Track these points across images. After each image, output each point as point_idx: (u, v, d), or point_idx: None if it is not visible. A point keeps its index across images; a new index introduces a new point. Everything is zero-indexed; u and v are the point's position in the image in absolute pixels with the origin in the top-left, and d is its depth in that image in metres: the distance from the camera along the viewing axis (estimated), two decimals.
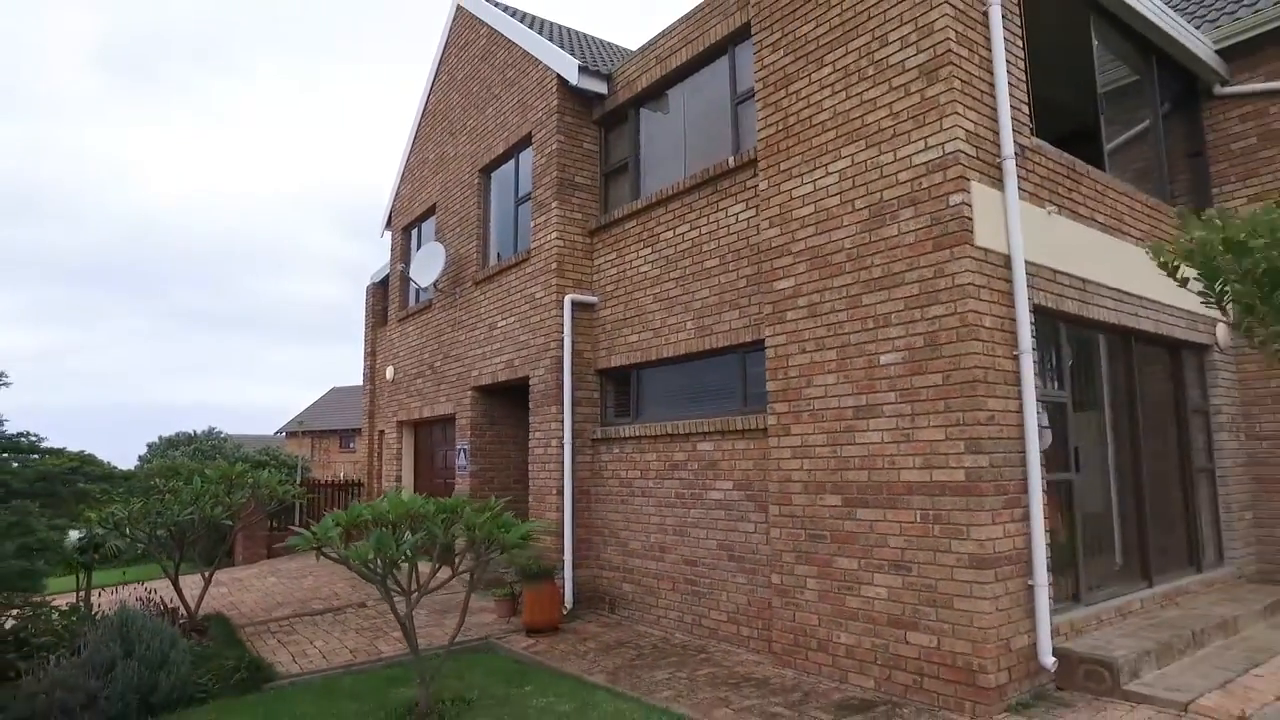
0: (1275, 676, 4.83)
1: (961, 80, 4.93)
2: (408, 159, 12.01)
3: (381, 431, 12.57)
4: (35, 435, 6.63)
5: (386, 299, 13.20)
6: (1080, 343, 6.02)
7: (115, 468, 9.65)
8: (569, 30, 10.91)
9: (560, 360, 7.92)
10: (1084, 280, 5.69)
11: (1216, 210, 3.53)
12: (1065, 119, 6.56)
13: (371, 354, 13.53)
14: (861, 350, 5.26)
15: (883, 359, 5.12)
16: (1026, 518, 4.80)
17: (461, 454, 9.66)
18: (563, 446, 7.81)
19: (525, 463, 8.91)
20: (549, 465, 7.98)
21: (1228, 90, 7.70)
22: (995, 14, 5.15)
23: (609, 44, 11.28)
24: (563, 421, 7.83)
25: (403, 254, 12.02)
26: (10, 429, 6.72)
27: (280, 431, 29.08)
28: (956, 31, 4.96)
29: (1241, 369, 7.53)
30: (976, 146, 4.94)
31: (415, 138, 11.82)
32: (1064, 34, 6.47)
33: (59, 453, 6.48)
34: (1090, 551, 5.75)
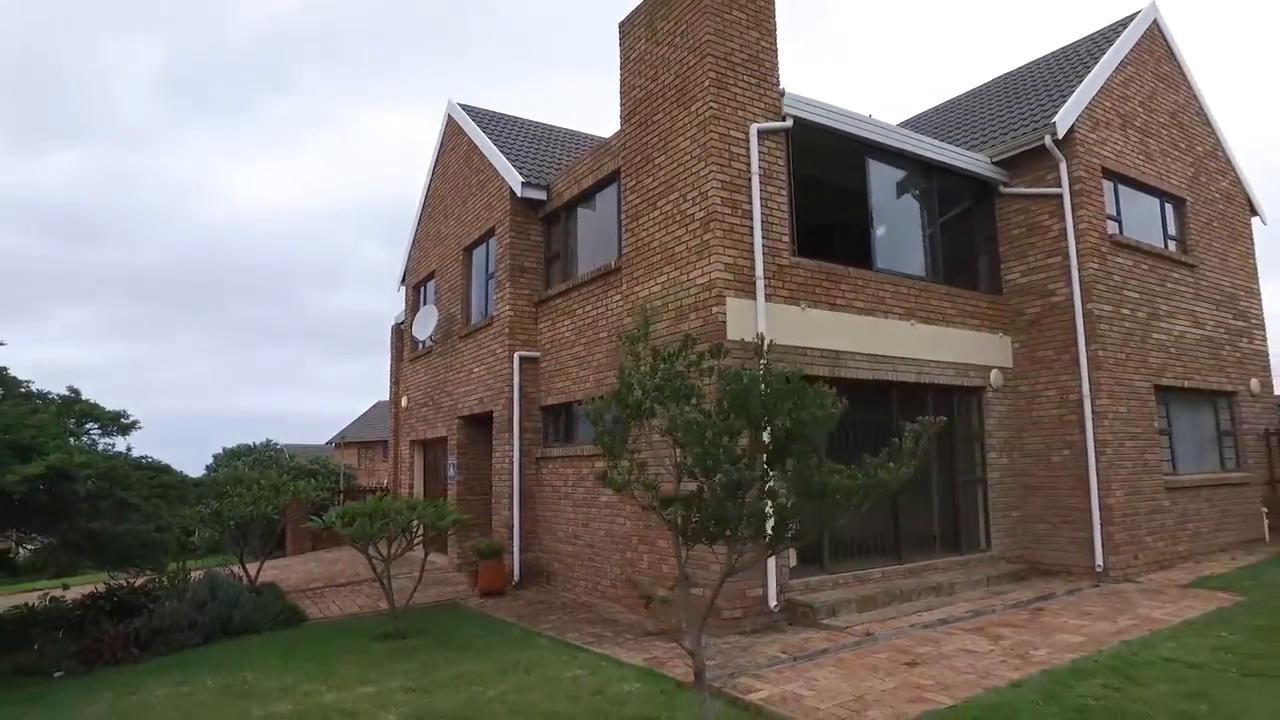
0: (923, 615, 7.56)
1: (724, 230, 7.81)
2: (415, 231, 15.34)
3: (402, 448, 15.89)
4: (150, 458, 9.99)
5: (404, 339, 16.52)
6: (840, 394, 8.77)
7: (187, 476, 13.10)
8: (546, 128, 14.03)
9: (511, 399, 11.00)
10: (837, 351, 8.47)
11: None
12: (845, 231, 9.33)
13: (396, 383, 16.89)
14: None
15: None
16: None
17: (451, 467, 12.84)
18: (514, 463, 10.89)
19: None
20: (504, 476, 11.07)
21: (1007, 191, 10.33)
22: (755, 183, 8.00)
23: (584, 135, 14.35)
24: (513, 444, 10.91)
25: (413, 307, 15.35)
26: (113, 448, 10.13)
27: (330, 442, 33.10)
28: (722, 197, 7.85)
29: (1014, 404, 10.14)
30: (734, 274, 7.80)
31: (421, 214, 15.12)
32: (844, 170, 9.24)
33: (167, 469, 9.77)
34: (840, 537, 8.52)
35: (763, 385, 3.84)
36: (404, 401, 15.39)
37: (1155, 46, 11.49)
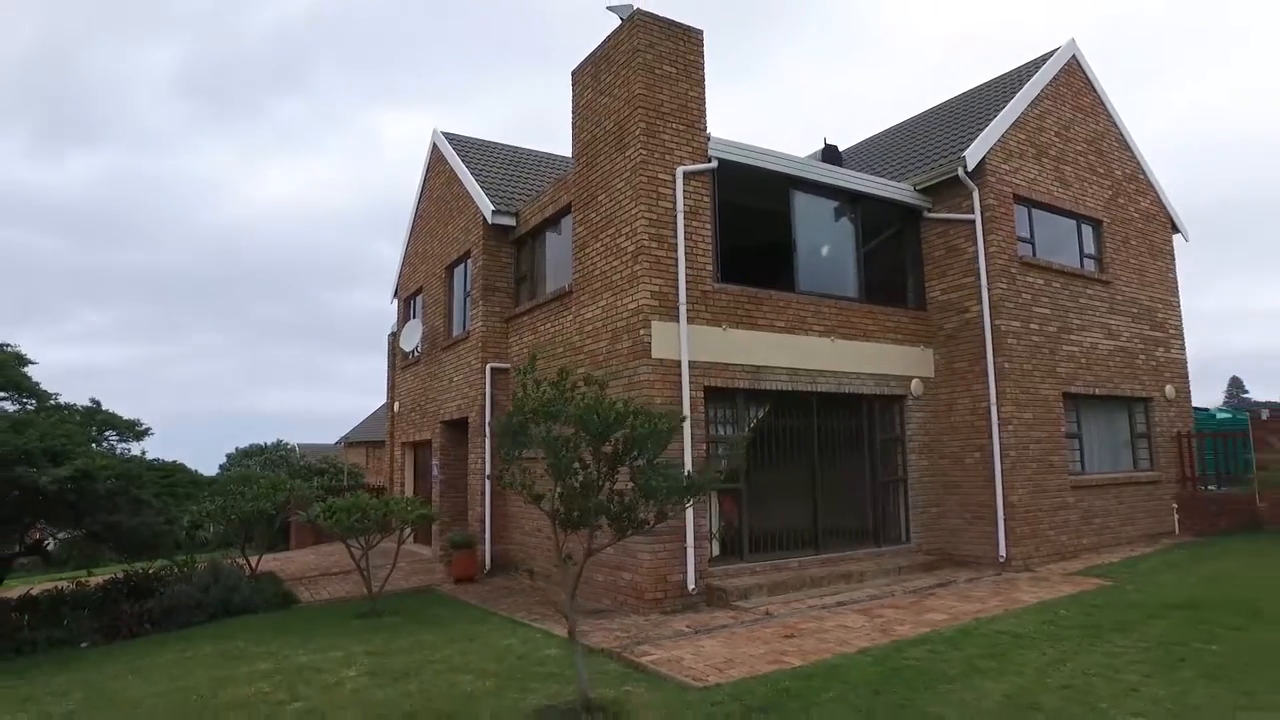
0: (825, 599, 8.77)
1: (651, 262, 9.05)
2: (406, 248, 16.71)
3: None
4: (158, 461, 11.41)
5: None
6: (762, 402, 10.02)
7: (200, 474, 14.52)
8: (525, 153, 15.32)
9: (484, 406, 12.32)
10: (759, 366, 9.69)
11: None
12: (772, 257, 10.53)
13: (391, 389, 18.28)
14: None
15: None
16: (682, 511, 8.87)
17: (435, 467, 14.20)
18: (485, 464, 12.20)
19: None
20: (477, 476, 12.39)
21: (929, 216, 11.48)
22: (680, 220, 9.23)
23: (561, 158, 15.59)
24: (485, 447, 12.23)
25: (403, 318, 16.73)
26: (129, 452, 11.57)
27: (339, 441, 34.68)
28: (650, 233, 9.09)
29: (933, 410, 11.29)
30: (659, 300, 9.04)
31: (410, 233, 16.49)
32: (772, 202, 10.44)
33: (181, 468, 11.17)
34: (762, 531, 9.75)
35: (597, 414, 5.05)
36: (396, 406, 16.78)
37: (1074, 80, 12.55)
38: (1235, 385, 59.09)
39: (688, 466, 8.84)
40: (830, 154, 14.54)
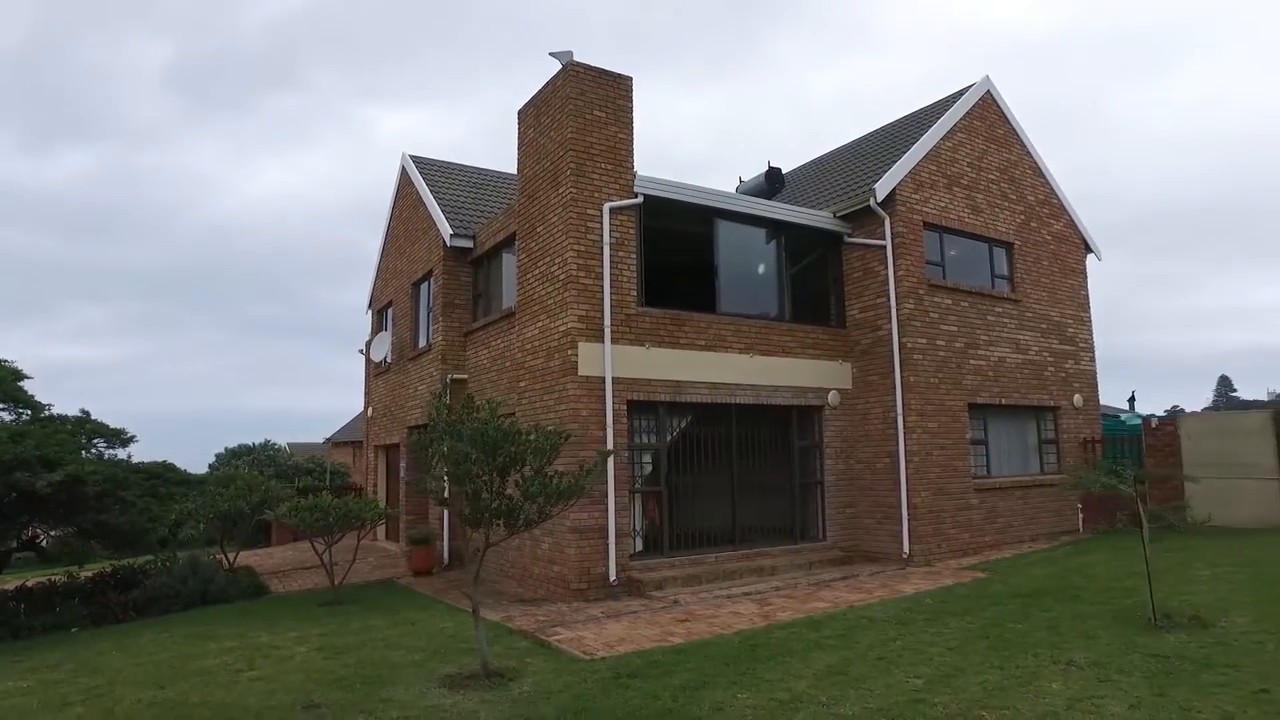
0: (733, 590, 10.04)
1: (579, 289, 10.30)
2: (379, 263, 17.99)
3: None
4: (143, 463, 12.69)
5: None
6: (684, 414, 11.28)
7: (190, 473, 15.81)
8: (490, 175, 16.55)
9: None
10: (679, 381, 10.94)
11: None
12: (697, 281, 11.77)
13: (367, 394, 19.57)
14: (543, 420, 10.69)
15: (548, 428, 10.54)
16: (604, 511, 10.13)
17: (403, 469, 15.49)
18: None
19: None
20: None
21: (849, 241, 12.72)
22: (606, 251, 10.49)
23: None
24: None
25: (377, 328, 18.02)
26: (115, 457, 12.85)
27: (326, 441, 36.05)
28: (578, 264, 10.34)
29: (850, 420, 12.54)
30: (586, 323, 10.30)
31: (383, 249, 17.77)
32: (697, 231, 11.68)
33: (171, 468, 12.43)
34: (681, 528, 11.02)
35: (485, 433, 6.31)
36: (369, 411, 18.07)
37: (989, 113, 13.77)
38: (1224, 384, 60.24)
39: (610, 474, 10.13)
40: (773, 175, 15.81)
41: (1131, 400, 33.54)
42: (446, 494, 6.91)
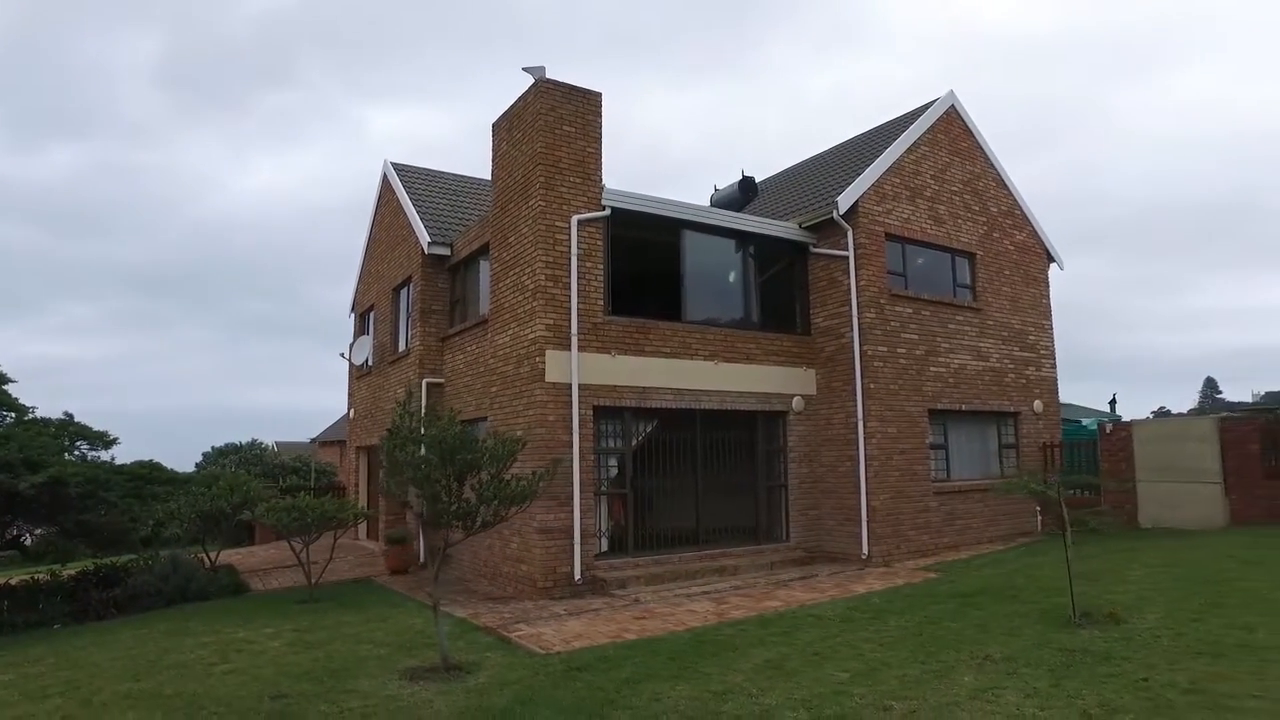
0: (693, 589, 10.52)
1: (547, 299, 10.76)
2: (361, 267, 18.41)
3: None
4: (126, 463, 13.11)
5: None
6: (649, 419, 11.75)
7: (177, 473, 16.22)
8: (470, 182, 16.98)
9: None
10: (645, 387, 11.41)
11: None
12: (664, 290, 12.24)
13: (351, 396, 19.99)
14: (512, 425, 11.16)
15: (518, 432, 11.01)
16: (570, 512, 10.59)
17: (383, 470, 15.91)
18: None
19: None
20: None
21: (815, 251, 13.20)
22: (573, 262, 10.94)
23: None
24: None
25: (359, 331, 18.44)
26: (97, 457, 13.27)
27: (313, 440, 36.44)
28: (547, 274, 10.80)
29: (814, 425, 13.03)
30: (554, 332, 10.76)
31: (365, 254, 18.19)
32: (665, 241, 12.14)
33: (158, 467, 12.84)
34: (647, 529, 11.49)
35: (442, 441, 6.77)
36: (351, 413, 18.50)
37: (952, 127, 14.27)
38: (1210, 385, 61.02)
39: (575, 477, 10.59)
40: (746, 185, 16.30)
41: (1113, 402, 34.11)
42: (410, 496, 7.37)
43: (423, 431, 7.06)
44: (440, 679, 6.86)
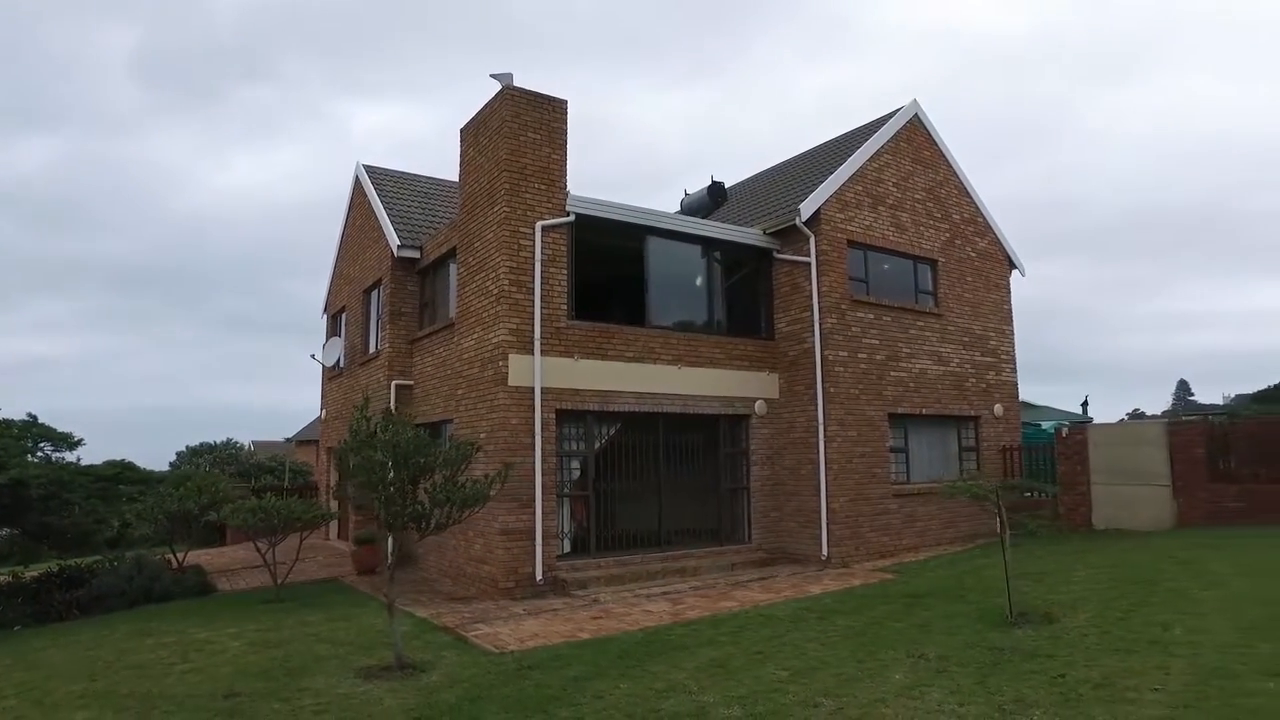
0: (653, 589, 10.74)
1: (510, 304, 10.95)
2: (334, 269, 18.52)
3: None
4: (94, 464, 13.18)
5: None
6: (612, 422, 11.95)
7: (151, 472, 16.27)
8: (442, 185, 17.11)
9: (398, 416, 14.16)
10: (607, 391, 11.61)
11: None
12: (628, 295, 12.45)
13: (324, 397, 20.06)
14: (477, 427, 11.33)
15: (481, 435, 11.19)
16: (532, 514, 10.78)
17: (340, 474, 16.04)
18: None
19: None
20: None
21: (778, 257, 13.45)
22: (537, 267, 11.13)
23: None
24: None
25: (331, 332, 18.54)
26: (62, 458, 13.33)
27: (290, 439, 36.34)
28: (510, 279, 10.98)
29: (776, 428, 13.29)
30: (517, 336, 10.94)
31: (338, 255, 18.30)
32: (630, 247, 12.35)
33: (131, 466, 12.92)
34: (609, 530, 11.70)
35: (395, 445, 6.95)
36: (323, 414, 18.60)
37: (915, 136, 14.57)
38: (1182, 388, 62.00)
39: (538, 479, 10.79)
40: (716, 190, 16.52)
41: (1085, 404, 34.68)
42: (367, 499, 7.54)
43: (378, 436, 7.22)
44: (394, 678, 7.04)
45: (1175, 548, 10.72)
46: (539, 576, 10.72)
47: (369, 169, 16.66)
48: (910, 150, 14.48)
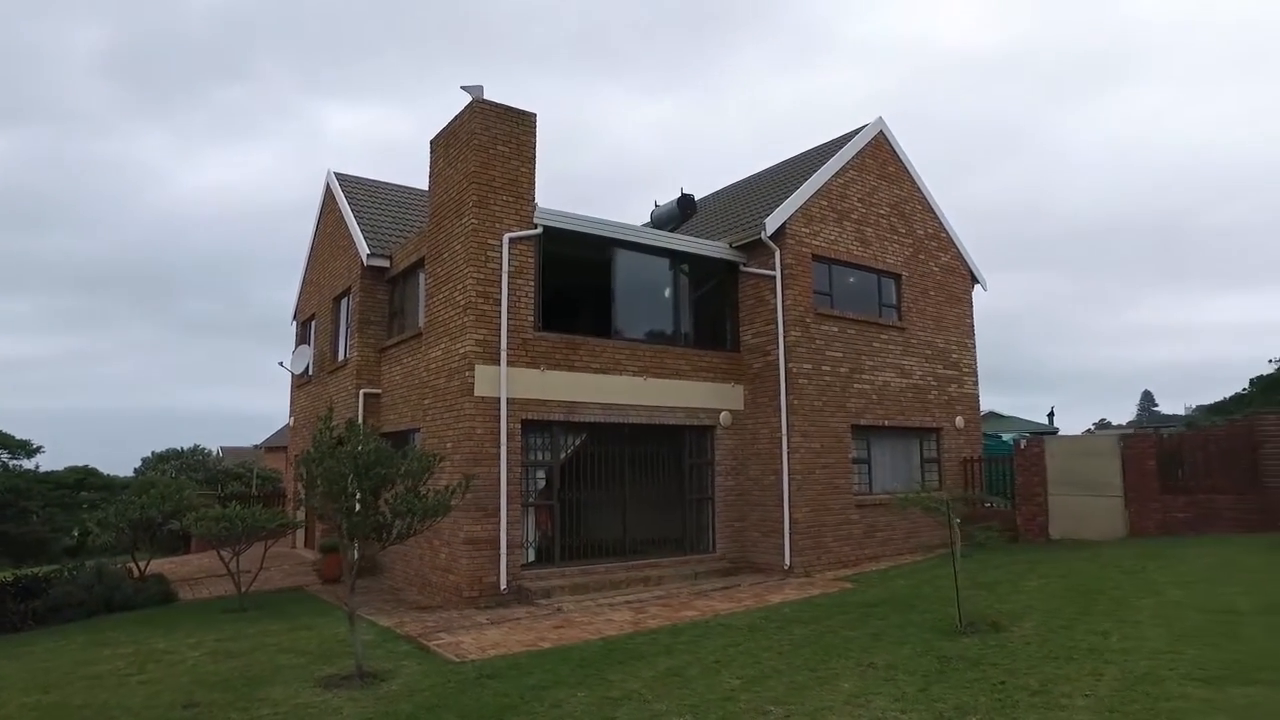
0: (615, 599, 10.86)
1: (477, 315, 11.05)
2: (304, 276, 18.49)
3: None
4: (54, 471, 13.06)
5: None
6: (578, 432, 12.08)
7: (115, 478, 16.10)
8: (414, 193, 17.16)
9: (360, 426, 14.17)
10: (573, 402, 11.74)
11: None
12: (596, 306, 12.60)
13: (293, 403, 19.97)
14: (443, 437, 11.40)
15: (448, 445, 11.25)
16: (497, 523, 10.87)
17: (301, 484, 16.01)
18: None
19: None
20: None
21: (744, 270, 13.67)
22: (504, 279, 11.25)
23: None
24: None
25: (301, 339, 18.50)
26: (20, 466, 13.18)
27: (259, 446, 36.03)
28: (477, 290, 11.08)
29: (741, 439, 13.49)
30: (484, 347, 11.04)
31: (308, 262, 18.27)
32: (598, 259, 12.51)
33: (94, 472, 12.80)
34: (574, 539, 11.82)
35: (356, 458, 7.04)
36: (291, 421, 18.52)
37: (880, 152, 14.90)
38: (1147, 398, 63.34)
39: (503, 489, 10.89)
40: (685, 202, 16.74)
41: (1051, 415, 35.30)
42: (328, 509, 7.60)
43: (341, 446, 7.30)
44: (354, 687, 7.10)
45: (1124, 557, 11.05)
46: (503, 585, 10.80)
47: (340, 176, 16.69)
48: (875, 166, 14.80)
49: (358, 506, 7.23)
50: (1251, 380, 32.41)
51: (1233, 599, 8.21)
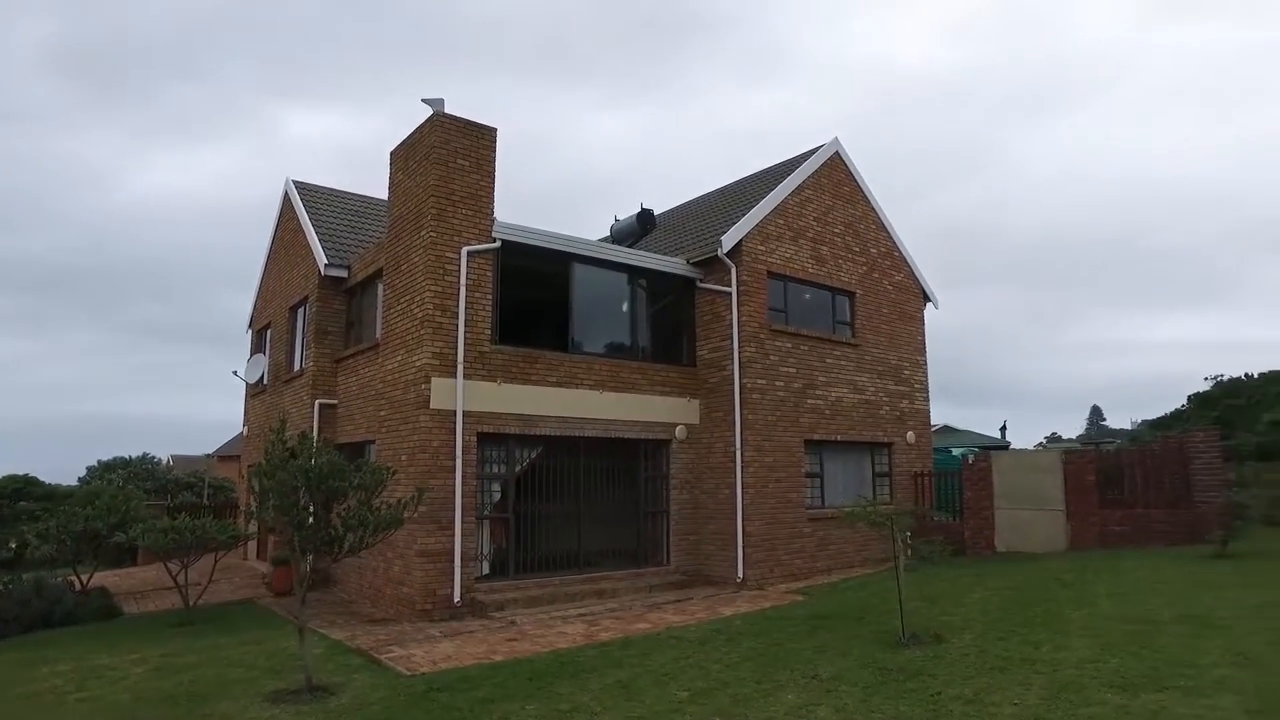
0: (569, 611, 10.93)
1: (434, 328, 11.08)
2: (260, 283, 18.29)
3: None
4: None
5: None
6: (534, 445, 12.16)
7: (57, 487, 15.62)
8: (373, 203, 17.09)
9: (312, 438, 14.05)
10: (529, 415, 11.82)
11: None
12: (553, 320, 12.71)
13: (247, 413, 19.69)
14: (399, 449, 11.39)
15: (403, 457, 11.25)
16: (451, 536, 10.88)
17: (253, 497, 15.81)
18: None
19: None
20: None
21: (701, 286, 13.89)
22: (462, 292, 11.30)
23: None
24: None
25: (256, 348, 18.27)
26: None
27: (212, 455, 35.33)
28: (435, 303, 11.12)
29: (697, 453, 13.67)
30: (440, 360, 11.07)
31: (264, 270, 18.08)
32: (556, 274, 12.62)
33: (35, 481, 12.50)
34: (529, 552, 11.87)
35: (308, 472, 7.05)
36: (245, 431, 18.26)
37: (836, 172, 15.27)
38: (1095, 413, 65.20)
39: (458, 501, 10.91)
40: (645, 217, 16.96)
41: (1003, 429, 36.16)
42: (279, 522, 7.58)
43: (293, 460, 7.30)
44: (303, 701, 7.08)
45: (1063, 570, 11.44)
46: (457, 598, 10.81)
47: (298, 184, 16.58)
48: (831, 186, 15.16)
49: (310, 520, 7.23)
50: (1189, 397, 33.63)
51: (1156, 610, 8.59)
